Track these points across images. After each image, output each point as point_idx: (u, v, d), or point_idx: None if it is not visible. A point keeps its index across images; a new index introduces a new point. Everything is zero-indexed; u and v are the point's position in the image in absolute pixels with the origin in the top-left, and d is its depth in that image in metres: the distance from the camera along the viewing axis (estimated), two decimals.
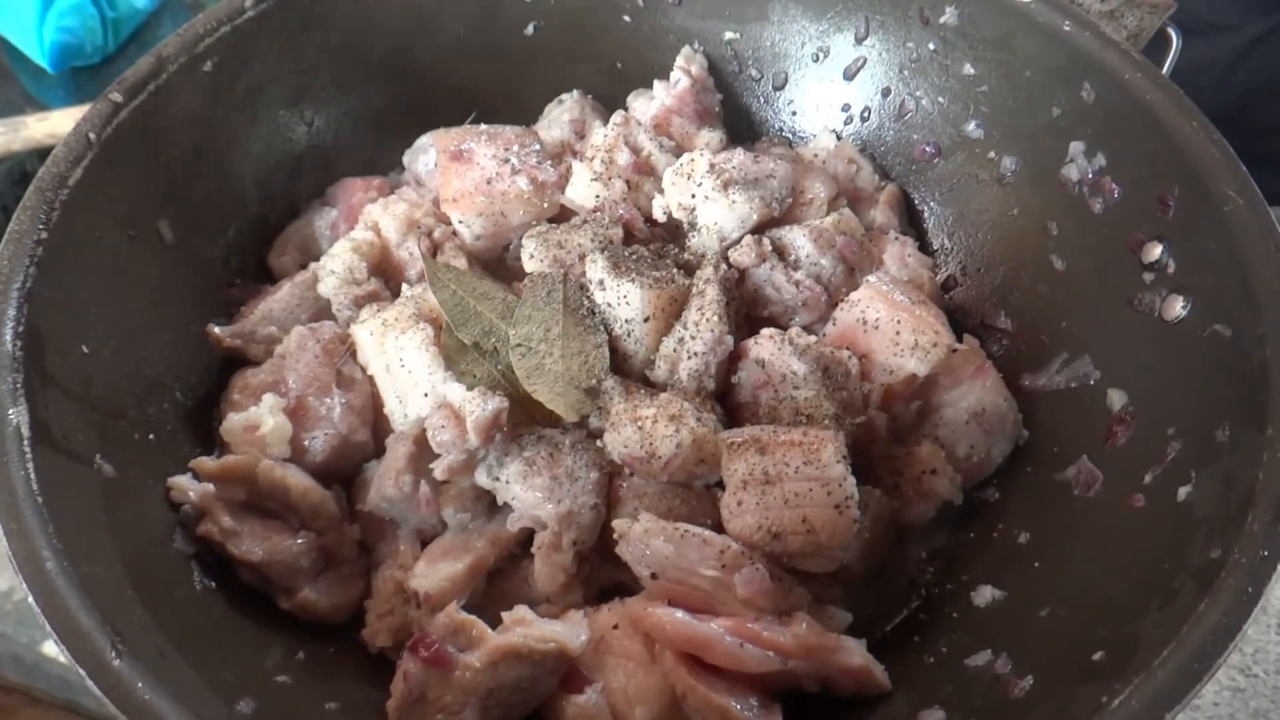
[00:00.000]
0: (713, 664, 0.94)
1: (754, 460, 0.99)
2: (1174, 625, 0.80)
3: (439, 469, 1.03)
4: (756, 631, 0.93)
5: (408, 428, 1.08)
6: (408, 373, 1.09)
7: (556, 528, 1.00)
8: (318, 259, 1.24)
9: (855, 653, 0.95)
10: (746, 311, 1.19)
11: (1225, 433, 0.91)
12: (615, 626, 0.98)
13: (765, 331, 1.12)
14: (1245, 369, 0.91)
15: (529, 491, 1.01)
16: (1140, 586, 0.88)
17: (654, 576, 0.97)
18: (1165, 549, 0.89)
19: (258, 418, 1.08)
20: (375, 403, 1.13)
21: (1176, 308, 1.00)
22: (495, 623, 0.96)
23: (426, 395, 1.07)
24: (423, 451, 1.06)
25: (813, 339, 1.12)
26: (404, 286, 1.20)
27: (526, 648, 0.92)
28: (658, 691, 0.94)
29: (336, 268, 1.20)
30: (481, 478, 1.04)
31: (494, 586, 1.06)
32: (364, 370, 1.14)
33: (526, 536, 1.05)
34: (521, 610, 0.97)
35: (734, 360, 1.12)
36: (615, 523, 1.00)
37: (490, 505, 1.08)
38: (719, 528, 1.01)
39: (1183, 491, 0.92)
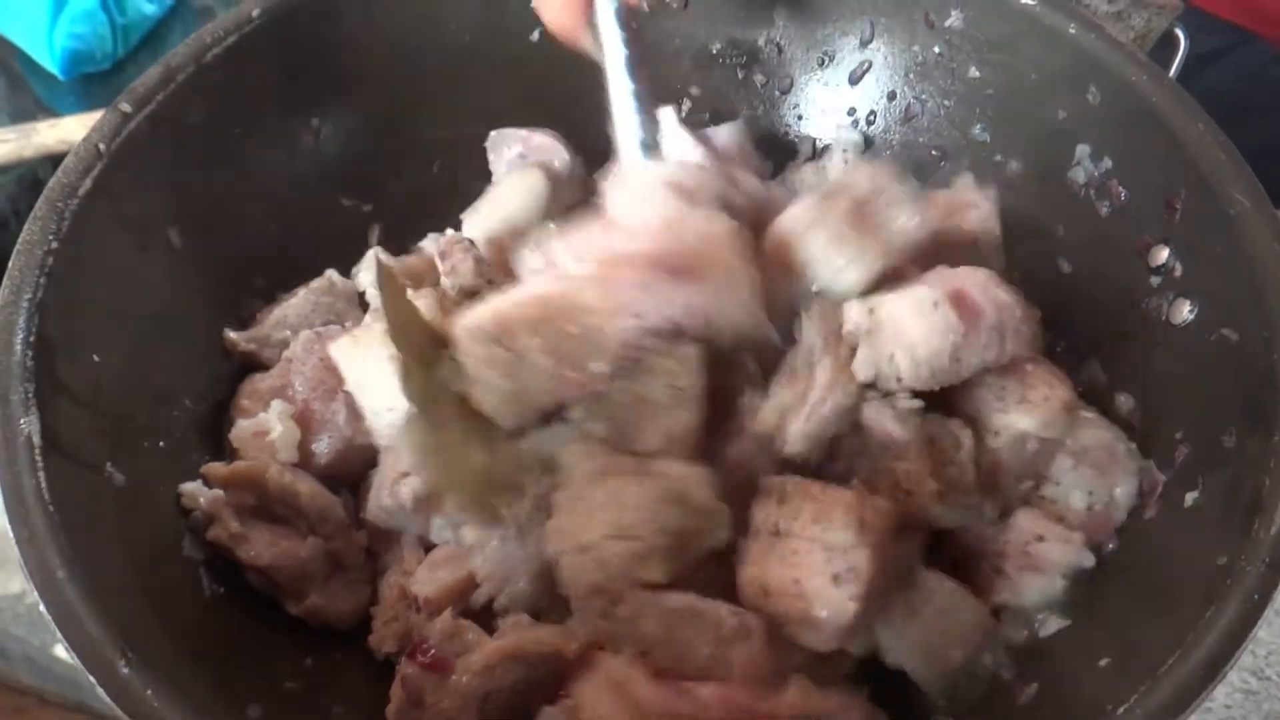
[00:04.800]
0: None
1: (771, 510, 0.91)
2: (1180, 632, 0.80)
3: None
4: (750, 703, 0.85)
5: (391, 442, 1.07)
6: (374, 390, 1.06)
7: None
8: None
9: (854, 709, 0.88)
10: None
11: (1231, 438, 0.90)
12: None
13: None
14: (1252, 373, 0.91)
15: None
16: (1145, 593, 0.88)
17: (644, 655, 0.89)
18: (1171, 555, 0.89)
19: (266, 423, 1.09)
20: None
21: (1184, 311, 1.00)
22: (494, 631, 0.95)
23: (391, 411, 1.04)
24: None
25: (918, 404, 0.97)
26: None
27: (521, 650, 0.91)
28: None
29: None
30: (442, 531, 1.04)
31: None
32: None
33: None
34: (518, 615, 0.96)
35: None
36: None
37: None
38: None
39: (1190, 497, 0.91)
